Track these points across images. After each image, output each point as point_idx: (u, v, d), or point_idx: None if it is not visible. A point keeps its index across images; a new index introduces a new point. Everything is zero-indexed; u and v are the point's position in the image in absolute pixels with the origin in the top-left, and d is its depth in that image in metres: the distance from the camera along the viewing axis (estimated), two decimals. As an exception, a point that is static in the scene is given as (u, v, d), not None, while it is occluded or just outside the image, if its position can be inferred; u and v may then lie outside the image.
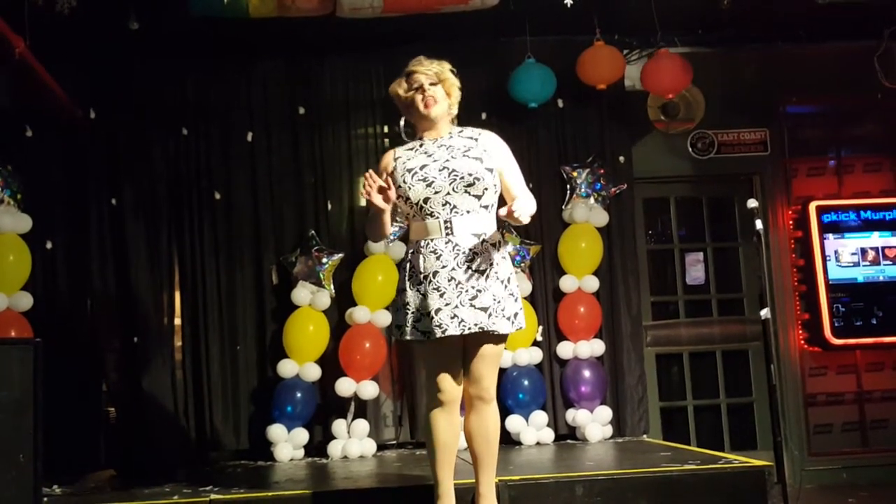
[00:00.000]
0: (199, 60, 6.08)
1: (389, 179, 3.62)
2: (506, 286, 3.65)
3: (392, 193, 3.59)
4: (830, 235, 6.58)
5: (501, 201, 3.78)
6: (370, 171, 3.62)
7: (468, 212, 3.65)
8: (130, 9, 5.31)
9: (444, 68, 3.77)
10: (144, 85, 6.01)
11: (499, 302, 3.59)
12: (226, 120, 6.12)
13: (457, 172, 3.64)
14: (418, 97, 3.73)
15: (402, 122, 3.87)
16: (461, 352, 3.66)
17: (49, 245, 5.83)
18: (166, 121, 6.04)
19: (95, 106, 5.92)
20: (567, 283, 6.16)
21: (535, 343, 6.12)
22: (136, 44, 5.64)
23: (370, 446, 5.80)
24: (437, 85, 3.74)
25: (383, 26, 5.44)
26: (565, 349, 6.13)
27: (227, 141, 6.10)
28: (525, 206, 3.56)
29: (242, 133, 6.10)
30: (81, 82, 5.88)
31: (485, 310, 3.56)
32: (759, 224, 4.53)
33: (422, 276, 3.60)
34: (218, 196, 6.04)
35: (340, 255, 5.96)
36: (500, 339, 3.69)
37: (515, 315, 3.66)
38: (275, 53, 6.14)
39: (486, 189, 3.66)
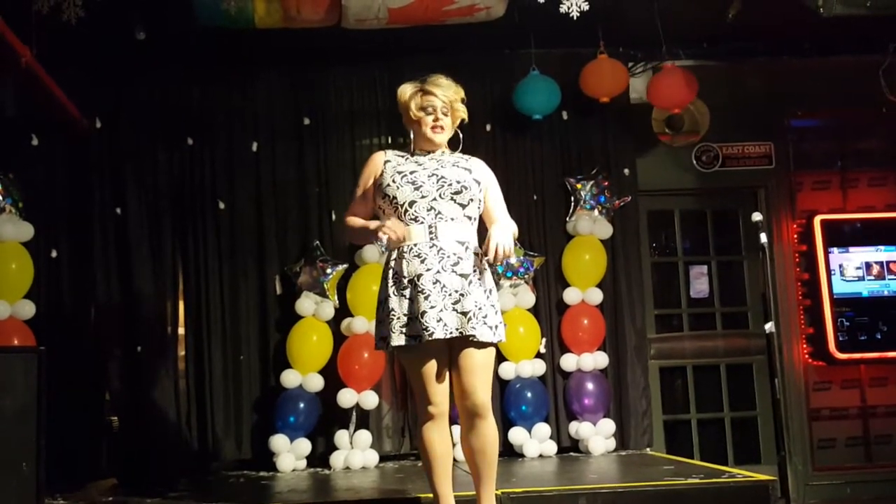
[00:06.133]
0: (204, 70, 6.11)
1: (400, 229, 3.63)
2: (488, 296, 3.65)
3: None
4: (835, 249, 6.57)
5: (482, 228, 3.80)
6: (389, 225, 3.61)
7: (452, 219, 3.66)
8: (137, 19, 5.33)
9: (458, 97, 3.78)
10: (150, 94, 6.04)
11: (480, 308, 3.58)
12: (231, 130, 6.14)
13: (445, 179, 3.67)
14: (429, 120, 3.74)
15: (412, 135, 3.86)
16: (447, 361, 3.64)
17: (54, 254, 5.84)
18: (171, 130, 6.06)
19: (101, 115, 5.95)
20: (571, 296, 6.15)
21: (539, 355, 6.11)
22: (142, 53, 5.66)
23: (373, 457, 5.79)
24: (448, 115, 3.77)
25: (388, 37, 5.45)
26: (569, 361, 6.12)
27: (231, 151, 6.12)
28: (502, 235, 3.59)
29: (247, 143, 6.12)
30: (87, 92, 5.89)
31: (465, 314, 3.55)
32: (763, 237, 4.52)
33: (406, 280, 3.60)
34: (222, 206, 6.05)
35: (344, 265, 5.96)
36: (484, 348, 3.63)
37: (496, 326, 3.64)
38: (280, 64, 6.16)
39: (471, 200, 3.69)
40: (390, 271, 3.67)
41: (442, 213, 3.65)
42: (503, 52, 6.29)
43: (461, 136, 3.89)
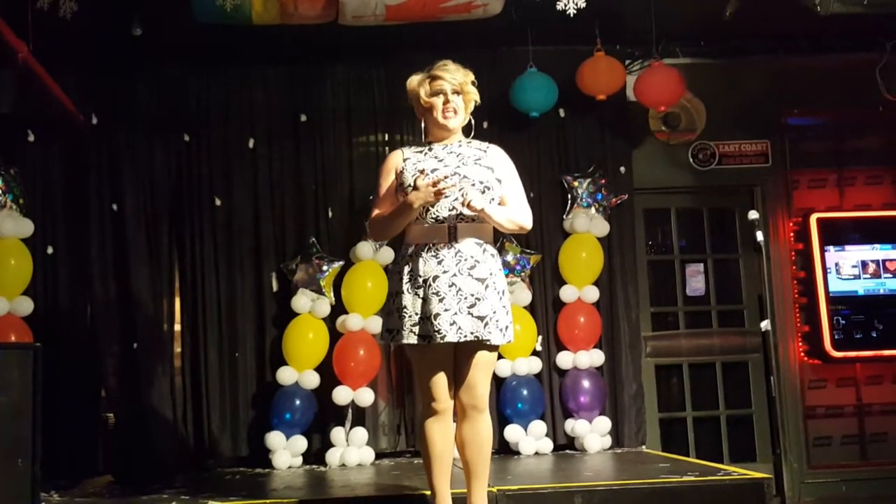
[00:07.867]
0: (201, 67, 6.10)
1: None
2: (500, 298, 3.66)
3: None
4: (831, 248, 6.57)
5: None
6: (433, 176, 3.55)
7: (473, 220, 3.65)
8: (134, 15, 5.32)
9: (468, 79, 3.75)
10: (147, 91, 6.03)
11: (495, 312, 3.60)
12: (227, 126, 6.12)
13: (468, 179, 3.63)
14: (439, 104, 3.71)
15: (423, 126, 3.84)
16: (452, 359, 3.66)
17: (50, 250, 5.83)
18: (168, 127, 6.04)
19: (98, 111, 5.94)
20: (567, 293, 6.16)
21: (535, 353, 6.11)
22: (138, 50, 5.65)
23: (368, 454, 5.79)
24: (458, 95, 3.73)
25: (386, 34, 5.44)
26: (565, 359, 6.12)
27: (228, 147, 6.11)
28: (475, 194, 3.55)
29: (244, 140, 6.11)
30: (84, 88, 5.90)
31: (482, 318, 3.56)
32: (759, 236, 4.54)
33: (422, 279, 3.59)
34: (219, 202, 6.04)
35: (341, 262, 5.96)
36: (493, 347, 3.68)
37: (507, 328, 3.66)
38: (277, 60, 6.15)
39: (492, 199, 3.67)
40: (406, 267, 3.66)
41: (463, 213, 3.63)
42: (500, 49, 6.28)
43: (472, 122, 3.85)
